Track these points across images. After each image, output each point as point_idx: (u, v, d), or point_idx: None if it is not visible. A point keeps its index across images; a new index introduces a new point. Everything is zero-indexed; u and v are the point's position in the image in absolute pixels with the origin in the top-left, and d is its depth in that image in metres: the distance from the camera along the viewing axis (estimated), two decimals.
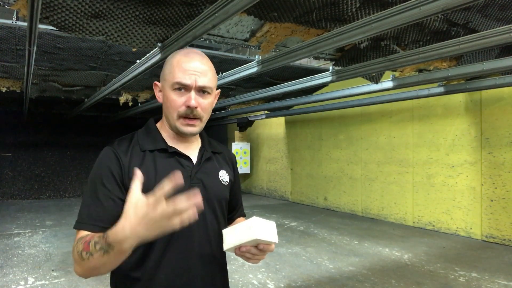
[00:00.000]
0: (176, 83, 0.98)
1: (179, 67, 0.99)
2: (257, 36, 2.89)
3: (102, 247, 0.80)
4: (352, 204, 7.50)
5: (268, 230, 0.87)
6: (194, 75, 0.98)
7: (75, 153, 10.36)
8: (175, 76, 0.98)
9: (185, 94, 0.99)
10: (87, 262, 0.83)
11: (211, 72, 1.02)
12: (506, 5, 2.66)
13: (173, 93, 0.99)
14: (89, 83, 5.63)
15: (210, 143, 1.16)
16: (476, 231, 5.41)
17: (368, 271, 4.02)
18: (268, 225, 0.88)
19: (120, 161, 0.98)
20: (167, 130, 1.07)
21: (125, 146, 1.02)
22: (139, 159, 1.01)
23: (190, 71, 0.98)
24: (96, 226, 0.92)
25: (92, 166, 1.03)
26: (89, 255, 0.82)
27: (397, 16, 2.12)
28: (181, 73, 0.98)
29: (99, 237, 0.82)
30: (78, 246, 0.86)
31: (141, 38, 2.62)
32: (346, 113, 7.57)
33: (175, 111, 1.00)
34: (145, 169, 0.99)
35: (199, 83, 0.98)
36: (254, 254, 0.93)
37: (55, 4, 2.15)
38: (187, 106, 0.98)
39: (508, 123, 5.09)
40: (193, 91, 0.98)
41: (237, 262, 4.30)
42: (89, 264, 0.83)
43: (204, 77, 0.99)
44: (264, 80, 5.75)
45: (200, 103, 1.00)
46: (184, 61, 0.99)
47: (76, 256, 0.86)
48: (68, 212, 7.63)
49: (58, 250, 4.77)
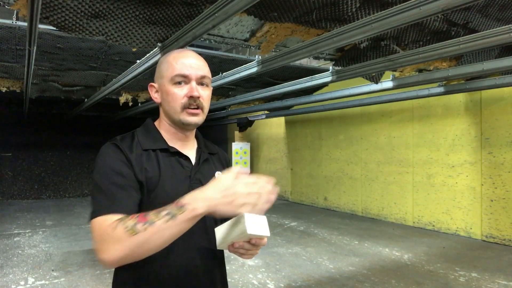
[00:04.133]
0: (177, 75, 1.00)
1: (176, 62, 1.02)
2: (257, 36, 2.89)
3: (170, 212, 0.79)
4: (352, 204, 7.50)
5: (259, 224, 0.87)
6: (192, 68, 1.01)
7: (75, 153, 10.36)
8: (175, 69, 1.01)
9: (185, 86, 1.01)
10: (141, 234, 0.78)
11: (206, 67, 1.06)
12: (506, 5, 2.66)
13: (173, 87, 1.01)
14: (89, 83, 5.63)
15: (206, 144, 1.18)
16: (476, 231, 5.41)
17: (368, 271, 4.02)
18: (259, 219, 0.87)
19: (126, 155, 0.97)
20: (166, 130, 1.08)
21: (128, 143, 1.02)
22: (142, 156, 1.01)
23: (189, 64, 1.02)
24: (123, 208, 0.88)
25: (92, 166, 1.03)
26: (148, 225, 0.78)
27: (397, 16, 2.12)
28: (179, 65, 1.01)
29: (160, 209, 0.81)
30: (125, 222, 0.80)
31: (141, 38, 2.62)
32: (346, 113, 7.56)
33: (178, 103, 1.01)
34: (150, 166, 1.00)
35: (199, 73, 1.02)
36: (247, 250, 0.93)
37: (55, 4, 2.15)
38: (190, 97, 1.00)
39: (508, 123, 5.09)
40: (194, 81, 1.01)
41: (237, 262, 4.30)
42: (143, 236, 0.78)
43: (202, 69, 1.03)
44: (264, 80, 5.75)
45: (201, 94, 1.02)
46: (181, 56, 1.03)
47: (119, 233, 0.79)
48: (68, 212, 7.63)
49: (58, 250, 4.77)
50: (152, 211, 0.81)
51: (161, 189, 0.98)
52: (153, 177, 0.98)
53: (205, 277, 1.04)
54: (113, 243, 0.80)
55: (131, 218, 0.81)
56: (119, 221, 0.81)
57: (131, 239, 0.78)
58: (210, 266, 1.06)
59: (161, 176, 0.99)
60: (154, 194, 0.97)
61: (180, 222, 0.79)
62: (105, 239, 0.81)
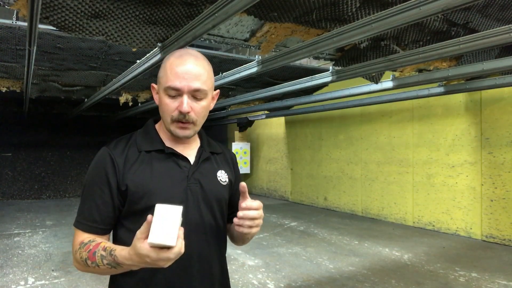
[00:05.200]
0: (168, 87, 0.97)
1: (171, 71, 0.97)
2: (257, 36, 2.89)
3: (110, 263, 0.88)
4: (352, 204, 7.50)
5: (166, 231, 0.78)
6: (186, 79, 0.95)
7: (75, 153, 10.35)
8: (168, 80, 0.97)
9: (178, 98, 0.98)
10: (90, 269, 0.92)
11: (206, 74, 0.99)
12: (506, 5, 2.66)
13: (166, 97, 0.98)
14: (89, 83, 5.63)
15: (209, 143, 1.15)
16: (476, 231, 5.41)
17: (368, 271, 4.02)
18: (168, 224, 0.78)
19: (115, 163, 0.99)
20: (166, 130, 1.07)
21: (121, 147, 1.03)
22: (134, 159, 1.01)
23: (183, 75, 0.96)
24: (92, 227, 0.98)
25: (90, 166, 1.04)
26: (96, 265, 0.90)
27: (397, 16, 2.12)
28: (173, 76, 0.96)
29: (106, 251, 0.89)
30: (81, 252, 0.93)
31: (141, 38, 2.62)
32: (346, 113, 7.57)
33: (168, 115, 0.99)
34: (141, 170, 1.00)
35: (192, 86, 0.96)
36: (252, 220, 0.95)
37: (55, 4, 2.15)
38: (180, 111, 0.97)
39: (508, 123, 5.09)
40: (186, 95, 0.96)
41: (237, 262, 4.30)
42: (94, 270, 0.92)
43: (197, 80, 0.97)
44: (264, 80, 5.75)
45: (193, 108, 0.98)
46: (177, 64, 0.97)
47: (78, 259, 0.94)
48: (68, 212, 7.63)
49: (58, 250, 4.77)
50: (99, 252, 0.90)
51: (153, 193, 0.97)
52: (143, 181, 0.98)
53: (202, 279, 1.02)
54: (75, 260, 0.96)
55: (86, 249, 0.93)
56: (79, 247, 0.95)
57: (85, 267, 0.94)
58: (207, 267, 1.04)
59: (153, 179, 0.99)
60: (146, 198, 0.97)
61: (120, 271, 0.90)
62: (72, 253, 0.99)
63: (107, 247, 0.90)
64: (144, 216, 0.86)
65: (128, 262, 0.84)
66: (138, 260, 0.81)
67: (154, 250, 0.77)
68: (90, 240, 0.95)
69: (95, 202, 0.98)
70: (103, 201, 0.98)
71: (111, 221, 1.01)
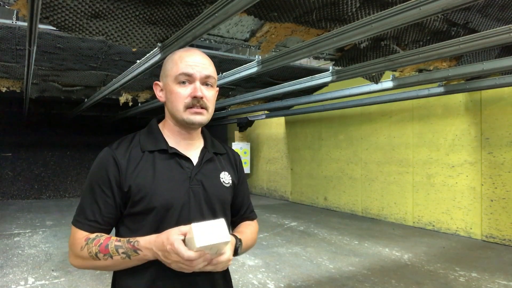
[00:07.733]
0: (181, 74, 1.00)
1: (181, 61, 1.01)
2: (257, 36, 2.89)
3: (126, 251, 0.91)
4: (352, 204, 7.50)
5: (210, 233, 0.80)
6: (198, 66, 1.01)
7: (75, 153, 10.35)
8: (179, 68, 1.00)
9: (189, 85, 1.00)
10: (101, 262, 0.93)
11: (212, 67, 1.05)
12: (506, 5, 2.66)
13: (177, 86, 1.01)
14: (89, 83, 5.63)
15: (213, 143, 1.14)
16: (476, 231, 5.41)
17: (368, 271, 4.02)
18: (211, 226, 0.81)
19: (118, 164, 0.99)
20: (170, 129, 1.06)
21: (124, 148, 1.03)
22: (137, 160, 1.01)
23: (194, 63, 1.01)
24: (93, 227, 0.98)
25: (92, 166, 1.03)
26: (108, 257, 0.92)
27: (397, 16, 2.12)
28: (183, 65, 1.00)
29: (121, 241, 0.91)
30: (90, 247, 0.94)
31: (141, 38, 2.62)
32: (346, 113, 7.56)
33: (181, 103, 1.00)
34: (144, 171, 0.99)
35: (204, 72, 1.01)
36: None
37: (55, 4, 2.15)
38: (193, 97, 0.99)
39: (508, 123, 5.09)
40: (198, 81, 1.00)
41: (237, 262, 4.30)
42: (103, 263, 0.93)
43: (207, 69, 1.02)
44: (264, 80, 5.75)
45: (205, 94, 1.01)
46: (186, 55, 1.02)
47: (84, 254, 0.94)
48: (68, 212, 7.62)
49: (58, 250, 4.77)
50: (113, 243, 0.93)
51: (155, 193, 0.97)
52: (145, 182, 0.98)
53: (204, 279, 1.02)
54: (78, 257, 0.96)
55: (96, 244, 0.94)
56: (86, 242, 0.95)
57: (92, 262, 0.94)
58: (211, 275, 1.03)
59: (155, 180, 0.98)
60: (148, 199, 0.97)
61: (133, 261, 0.93)
62: (73, 250, 0.97)
63: (121, 239, 0.94)
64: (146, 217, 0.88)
65: (149, 246, 0.89)
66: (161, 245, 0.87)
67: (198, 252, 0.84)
68: (98, 235, 0.96)
69: (97, 203, 0.98)
70: (105, 203, 0.98)
71: (112, 222, 1.01)
